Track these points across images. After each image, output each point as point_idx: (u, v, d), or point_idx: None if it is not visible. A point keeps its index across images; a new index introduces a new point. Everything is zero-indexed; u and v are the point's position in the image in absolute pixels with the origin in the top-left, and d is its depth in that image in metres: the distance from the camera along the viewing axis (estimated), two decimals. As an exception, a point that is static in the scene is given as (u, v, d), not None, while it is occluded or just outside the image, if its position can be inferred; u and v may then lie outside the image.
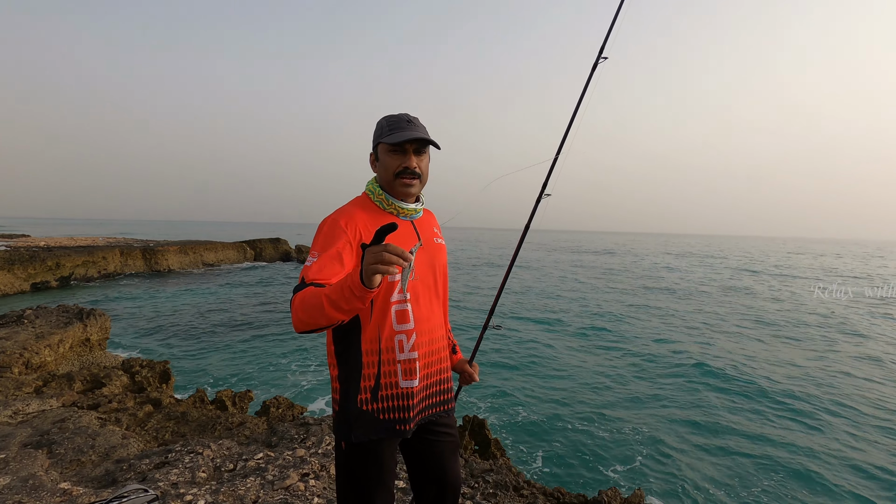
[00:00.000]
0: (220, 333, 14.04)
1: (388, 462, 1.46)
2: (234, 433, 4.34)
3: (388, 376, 1.42)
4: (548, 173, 2.11)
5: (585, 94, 2.10)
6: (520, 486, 3.48)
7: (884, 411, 8.80)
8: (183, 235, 58.02)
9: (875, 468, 6.69)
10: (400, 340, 1.43)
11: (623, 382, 10.25)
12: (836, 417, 8.53)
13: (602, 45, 2.16)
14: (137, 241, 33.20)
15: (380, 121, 1.50)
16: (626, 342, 14.02)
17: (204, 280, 25.83)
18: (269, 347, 12.63)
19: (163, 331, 14.16)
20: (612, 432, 7.72)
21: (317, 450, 3.37)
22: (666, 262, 49.81)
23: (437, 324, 1.56)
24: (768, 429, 7.98)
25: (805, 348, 13.66)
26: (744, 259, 58.47)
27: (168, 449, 3.30)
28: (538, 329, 15.70)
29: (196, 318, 15.98)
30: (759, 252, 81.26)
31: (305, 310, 1.17)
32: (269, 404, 5.56)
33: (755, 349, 13.40)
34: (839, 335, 15.51)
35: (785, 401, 9.22)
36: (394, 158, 1.44)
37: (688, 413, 8.56)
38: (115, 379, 5.73)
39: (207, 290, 22.31)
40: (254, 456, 3.24)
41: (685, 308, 20.42)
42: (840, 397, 9.49)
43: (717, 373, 10.91)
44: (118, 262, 26.31)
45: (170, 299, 19.43)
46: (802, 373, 11.13)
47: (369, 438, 1.40)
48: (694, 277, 34.38)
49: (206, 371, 10.53)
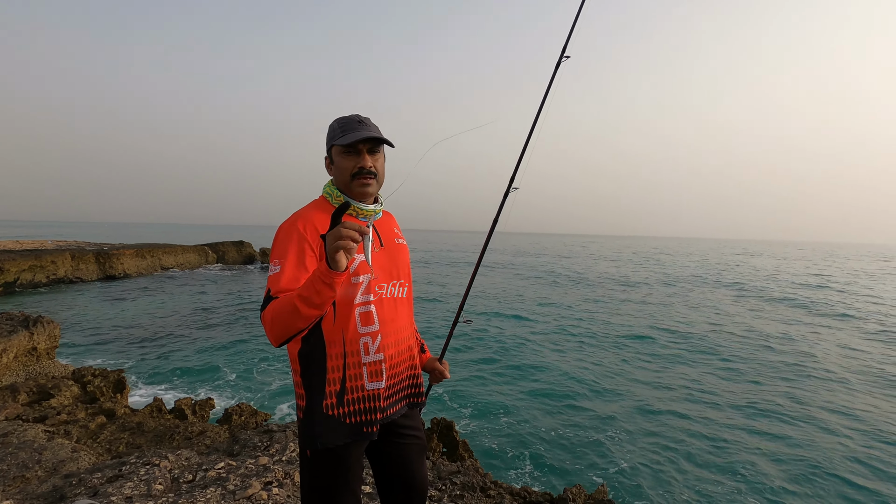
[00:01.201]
0: (180, 340, 13.53)
1: (355, 467, 1.45)
2: (193, 443, 4.19)
3: (354, 379, 1.41)
4: (515, 167, 2.15)
5: (549, 91, 2.17)
6: (487, 486, 3.51)
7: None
8: (141, 238, 55.68)
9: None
10: (365, 343, 1.42)
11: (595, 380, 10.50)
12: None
13: (564, 44, 2.22)
14: (90, 245, 31.62)
15: (331, 123, 1.49)
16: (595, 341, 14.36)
17: (162, 285, 24.82)
18: (231, 353, 12.25)
19: (118, 338, 13.52)
20: (581, 429, 7.88)
21: (281, 457, 3.30)
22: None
23: (403, 324, 1.56)
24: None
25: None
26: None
27: (122, 461, 3.16)
28: (509, 325, 15.88)
29: (154, 325, 15.34)
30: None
31: (279, 318, 1.19)
32: (232, 412, 5.41)
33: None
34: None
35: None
36: (348, 160, 1.44)
37: (650, 403, 8.84)
38: (65, 389, 5.44)
39: (166, 294, 21.47)
40: (214, 465, 3.14)
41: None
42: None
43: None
44: (69, 266, 24.97)
45: (125, 305, 18.58)
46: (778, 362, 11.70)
47: (336, 444, 1.38)
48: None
49: (164, 379, 10.11)
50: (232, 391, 9.51)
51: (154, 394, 8.97)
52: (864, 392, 10.11)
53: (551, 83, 2.18)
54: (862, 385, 10.59)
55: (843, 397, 9.77)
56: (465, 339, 13.90)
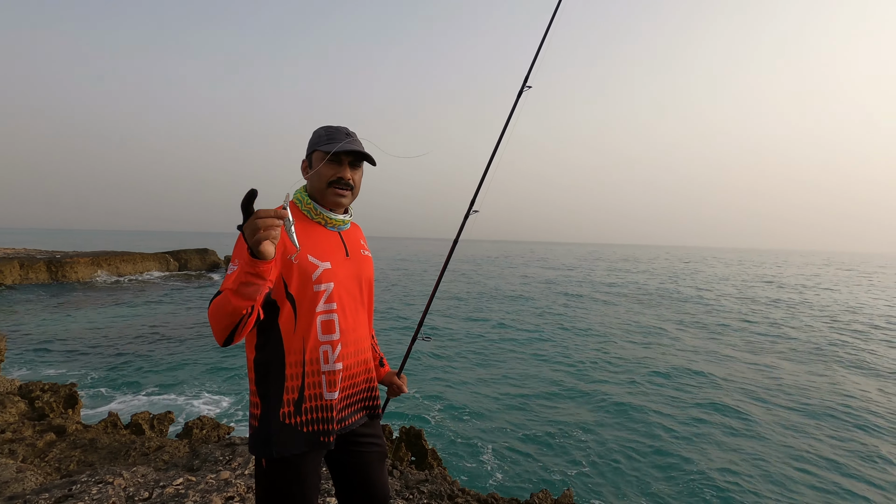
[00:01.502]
0: (138, 351, 12.97)
1: (312, 477, 1.43)
2: (150, 459, 4.03)
3: (313, 388, 1.40)
4: (475, 192, 2.21)
5: (511, 120, 2.24)
6: (454, 494, 3.51)
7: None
8: (100, 246, 53.14)
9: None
10: (325, 351, 1.42)
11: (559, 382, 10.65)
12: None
13: (526, 75, 2.30)
14: (42, 253, 30.02)
15: (317, 129, 1.50)
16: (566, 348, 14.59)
17: (120, 294, 23.75)
18: (192, 364, 11.83)
19: (70, 350, 12.84)
20: (547, 434, 7.98)
21: (243, 471, 3.21)
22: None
23: (363, 334, 1.57)
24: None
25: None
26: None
27: (72, 480, 3.00)
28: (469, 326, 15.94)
29: (109, 336, 14.67)
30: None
31: (217, 312, 1.18)
32: (192, 425, 5.22)
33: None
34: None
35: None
36: (329, 168, 1.45)
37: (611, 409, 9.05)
38: (10, 406, 5.14)
39: (124, 304, 20.56)
40: (172, 482, 3.03)
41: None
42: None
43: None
44: (17, 275, 23.67)
45: (79, 316, 17.68)
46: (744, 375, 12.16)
47: (292, 453, 1.37)
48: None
49: (120, 393, 9.68)
50: (193, 404, 9.19)
51: (109, 408, 8.57)
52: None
53: (513, 111, 2.26)
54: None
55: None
56: (430, 347, 13.88)
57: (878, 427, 8.66)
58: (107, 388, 9.89)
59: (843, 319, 21.55)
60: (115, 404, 8.98)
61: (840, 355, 14.38)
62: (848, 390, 10.80)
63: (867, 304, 27.73)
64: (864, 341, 16.75)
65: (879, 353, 14.82)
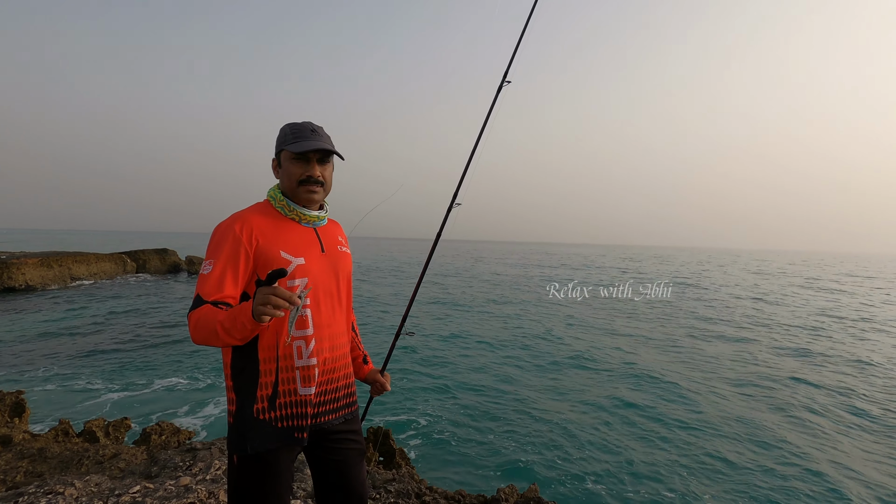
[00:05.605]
0: (92, 355, 12.37)
1: (284, 475, 1.43)
2: (105, 467, 3.87)
3: (287, 383, 1.41)
4: (458, 185, 2.23)
5: (491, 113, 2.28)
6: (422, 492, 3.52)
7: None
8: (50, 246, 50.39)
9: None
10: (298, 346, 1.43)
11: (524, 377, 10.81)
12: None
13: (506, 70, 2.34)
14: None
15: (283, 127, 1.50)
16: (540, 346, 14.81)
17: (72, 297, 22.61)
18: (148, 368, 11.38)
19: (16, 356, 12.12)
20: (514, 430, 8.09)
21: (205, 476, 3.13)
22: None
23: (339, 330, 1.57)
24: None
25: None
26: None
27: (19, 492, 2.86)
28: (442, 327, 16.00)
29: (61, 341, 13.93)
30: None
31: (201, 331, 1.24)
32: (151, 431, 5.04)
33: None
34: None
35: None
36: (297, 166, 1.45)
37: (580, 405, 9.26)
38: (-51, 416, 4.83)
39: (76, 307, 19.55)
40: (129, 490, 2.92)
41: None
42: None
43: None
44: (-44, 277, 22.18)
45: (26, 320, 16.72)
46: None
47: (266, 448, 1.38)
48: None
49: (72, 399, 9.20)
50: (151, 408, 8.84)
51: (60, 415, 8.14)
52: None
53: (493, 106, 2.29)
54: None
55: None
56: (402, 347, 13.85)
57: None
58: (56, 395, 9.40)
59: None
60: (66, 411, 8.54)
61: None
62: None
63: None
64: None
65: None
